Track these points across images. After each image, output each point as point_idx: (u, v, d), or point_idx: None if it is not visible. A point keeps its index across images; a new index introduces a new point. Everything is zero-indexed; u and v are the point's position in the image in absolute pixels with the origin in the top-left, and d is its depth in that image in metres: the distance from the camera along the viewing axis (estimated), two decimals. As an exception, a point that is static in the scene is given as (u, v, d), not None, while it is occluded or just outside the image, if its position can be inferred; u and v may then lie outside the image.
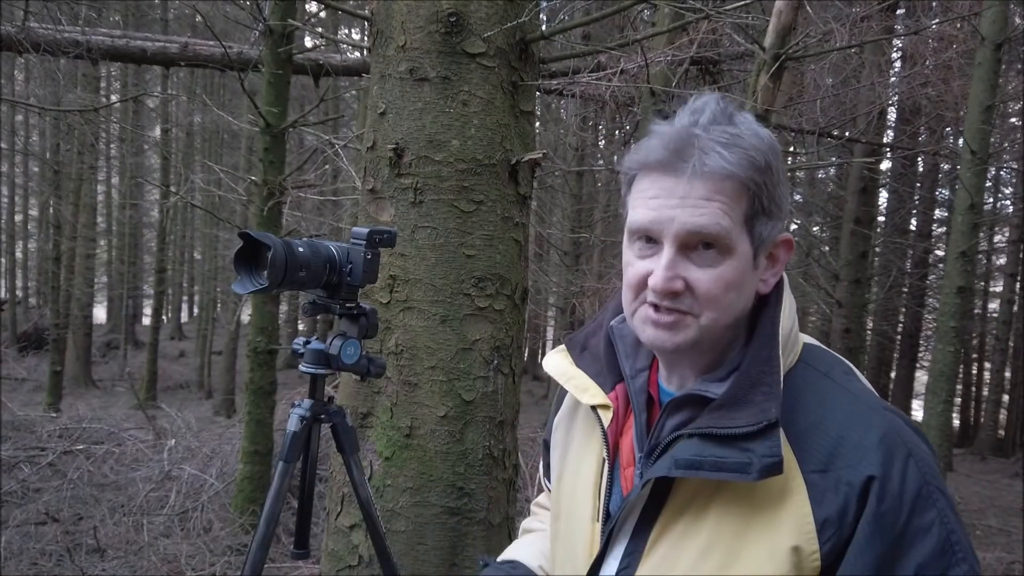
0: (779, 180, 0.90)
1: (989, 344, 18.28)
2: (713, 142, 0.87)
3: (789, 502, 0.84)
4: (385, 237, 1.78)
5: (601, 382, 1.03)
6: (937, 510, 0.83)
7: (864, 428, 0.86)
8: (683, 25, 4.96)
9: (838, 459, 0.84)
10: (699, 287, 0.89)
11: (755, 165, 0.88)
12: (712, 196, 0.87)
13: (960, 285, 6.38)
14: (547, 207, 13.06)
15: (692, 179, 0.87)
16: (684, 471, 0.86)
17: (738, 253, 0.89)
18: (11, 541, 4.42)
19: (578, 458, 1.07)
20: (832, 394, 0.90)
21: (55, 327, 12.60)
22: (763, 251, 0.92)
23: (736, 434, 0.84)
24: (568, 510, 1.05)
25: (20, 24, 5.97)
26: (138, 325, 24.61)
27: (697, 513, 0.88)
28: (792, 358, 0.93)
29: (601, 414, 1.01)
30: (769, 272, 0.94)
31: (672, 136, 0.89)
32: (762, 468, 0.82)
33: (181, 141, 17.11)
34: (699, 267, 0.89)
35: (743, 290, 0.91)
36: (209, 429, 7.62)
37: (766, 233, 0.91)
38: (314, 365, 1.79)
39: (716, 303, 0.89)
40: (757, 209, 0.89)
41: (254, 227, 5.12)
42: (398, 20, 2.35)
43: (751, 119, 0.91)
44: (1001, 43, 6.15)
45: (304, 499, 1.89)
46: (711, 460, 0.85)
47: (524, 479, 5.89)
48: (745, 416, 0.85)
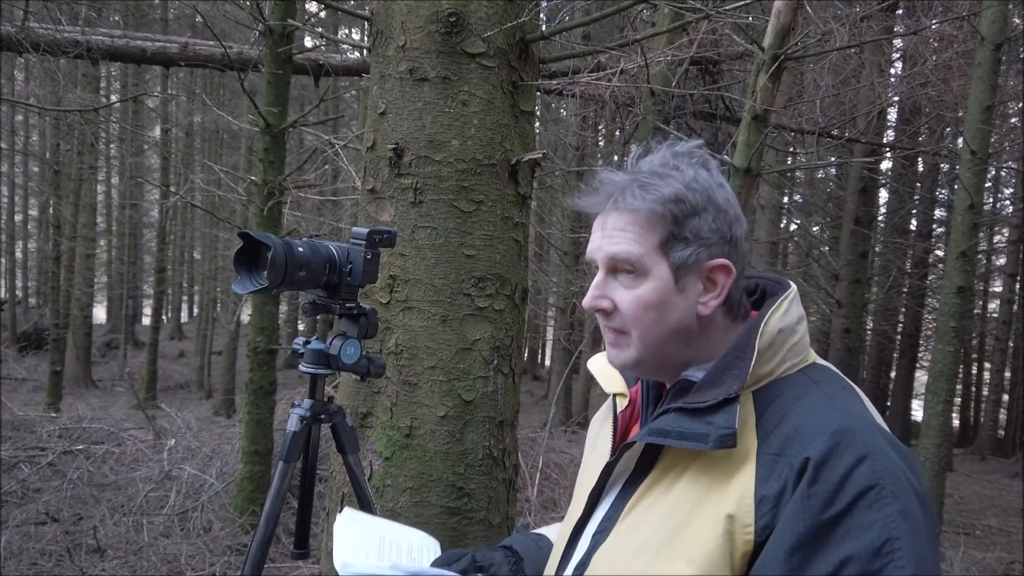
0: (697, 211, 1.00)
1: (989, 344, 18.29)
2: (633, 184, 1.01)
3: (738, 475, 0.91)
4: (385, 237, 1.78)
5: (627, 378, 1.16)
6: (884, 515, 0.83)
7: (823, 422, 0.91)
8: (683, 25, 4.96)
9: (790, 445, 0.90)
10: (621, 306, 1.02)
11: (663, 199, 0.99)
12: (626, 227, 1.01)
13: (960, 285, 6.38)
14: (547, 207, 13.06)
15: (611, 214, 1.03)
16: (652, 437, 0.97)
17: (654, 275, 1.00)
18: (11, 541, 4.42)
19: (596, 445, 1.18)
20: (811, 395, 0.96)
21: (55, 327, 12.60)
22: (688, 274, 1.01)
23: (701, 407, 0.94)
24: (580, 489, 1.15)
25: (20, 24, 5.97)
26: (138, 325, 24.62)
27: (670, 483, 0.97)
28: (790, 365, 0.99)
29: (618, 401, 1.15)
30: (708, 295, 1.02)
31: (610, 183, 1.04)
32: (717, 438, 0.90)
33: (181, 141, 17.11)
34: (623, 288, 1.02)
35: (665, 310, 1.00)
36: (209, 429, 7.61)
37: (683, 258, 1.00)
38: (314, 365, 1.79)
39: (637, 320, 1.01)
40: (669, 236, 1.00)
41: (254, 227, 5.13)
42: (398, 20, 2.35)
43: (699, 163, 1.03)
44: (1001, 43, 6.14)
45: (304, 499, 1.90)
46: (677, 430, 0.94)
47: (524, 479, 5.89)
48: (713, 393, 0.95)
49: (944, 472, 6.62)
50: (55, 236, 13.92)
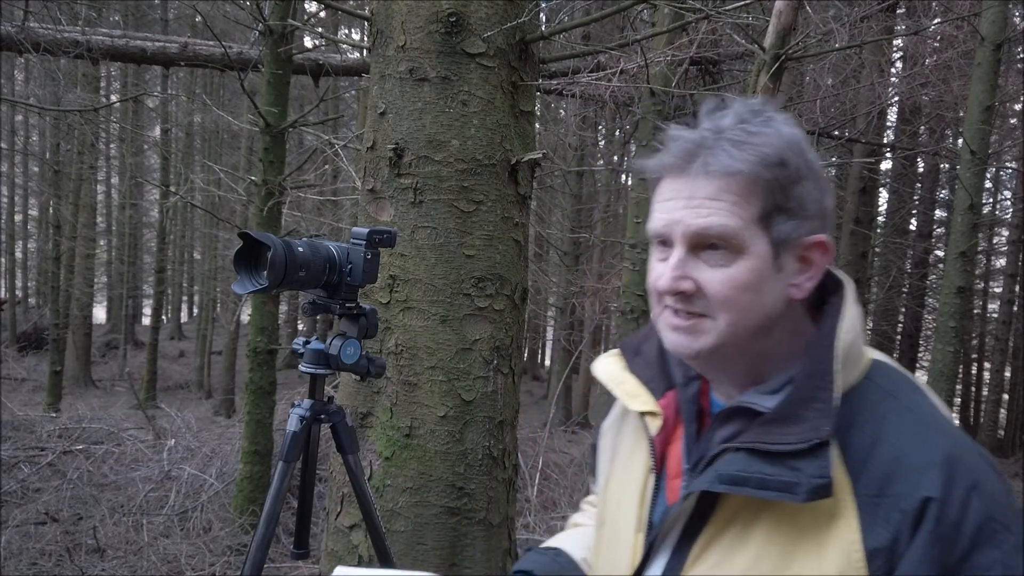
0: (800, 178, 0.86)
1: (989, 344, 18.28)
2: (723, 141, 0.86)
3: (838, 527, 0.80)
4: (385, 237, 1.78)
5: (652, 388, 1.00)
6: (1001, 552, 0.76)
7: (925, 450, 0.80)
8: (683, 25, 4.96)
9: (894, 482, 0.79)
10: (709, 288, 0.86)
11: (765, 161, 0.84)
12: (718, 195, 0.85)
13: (960, 285, 6.37)
14: (547, 207, 13.06)
15: (697, 179, 0.86)
16: (727, 486, 0.83)
17: (752, 253, 0.85)
18: (11, 541, 4.41)
19: (625, 465, 1.04)
20: (895, 413, 0.84)
21: (55, 327, 12.60)
22: (786, 252, 0.87)
23: (784, 451, 0.81)
24: (613, 518, 1.03)
25: (20, 24, 5.97)
26: (138, 325, 24.61)
27: (742, 531, 0.85)
28: (856, 374, 0.87)
29: (649, 422, 0.98)
30: (803, 276, 0.89)
31: (686, 139, 0.88)
32: (810, 489, 0.78)
33: (181, 141, 17.10)
34: (710, 267, 0.86)
35: (762, 292, 0.86)
36: (209, 429, 7.61)
37: (785, 232, 0.86)
38: (314, 365, 1.79)
39: (729, 304, 0.86)
40: (772, 207, 0.85)
41: (254, 227, 5.12)
42: (398, 20, 2.35)
43: (781, 120, 0.88)
44: (1001, 43, 6.14)
45: (304, 499, 1.90)
46: (756, 477, 0.81)
47: (523, 479, 5.89)
48: (795, 433, 0.81)
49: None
50: (55, 236, 13.92)
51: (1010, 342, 15.84)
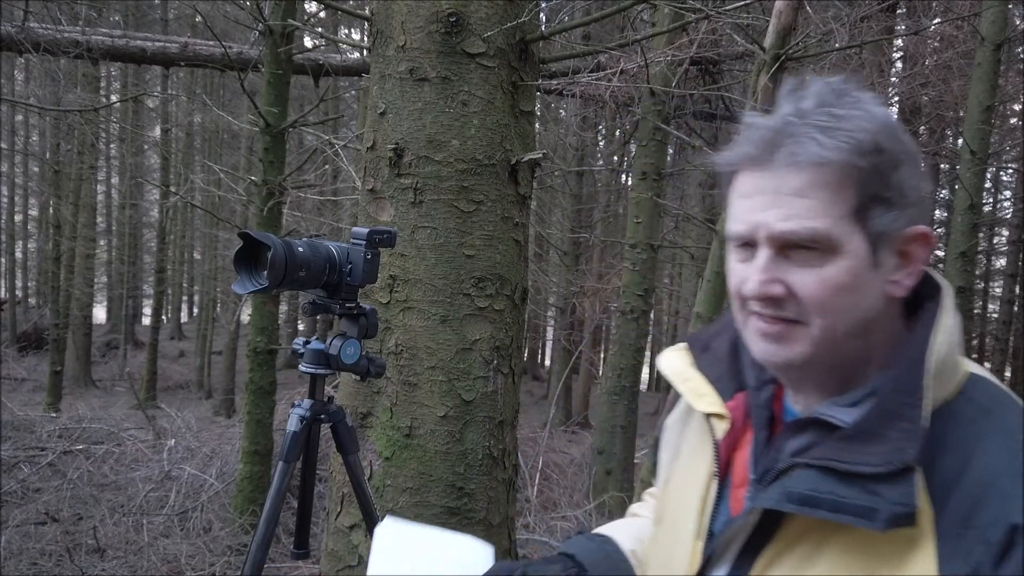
0: (898, 164, 0.78)
1: (989, 344, 18.28)
2: (810, 127, 0.77)
3: (915, 559, 0.72)
4: (385, 237, 1.78)
5: (720, 388, 0.94)
6: None
7: (1019, 476, 0.71)
8: (683, 25, 4.97)
9: (981, 511, 0.71)
10: (802, 291, 0.78)
11: (859, 148, 0.76)
12: (807, 191, 0.77)
13: (960, 285, 6.38)
14: (547, 207, 13.06)
15: (782, 172, 0.78)
16: (797, 506, 0.76)
17: (847, 251, 0.77)
18: (11, 541, 4.41)
19: (687, 466, 0.98)
20: (989, 435, 0.75)
21: (55, 327, 12.60)
22: (885, 247, 0.79)
23: (863, 473, 0.73)
24: (671, 520, 0.98)
25: (20, 24, 5.97)
26: (138, 325, 24.61)
27: (810, 552, 0.78)
28: (949, 389, 0.79)
29: (715, 424, 0.92)
30: (902, 272, 0.81)
31: (766, 127, 0.80)
32: (891, 517, 0.71)
33: (181, 141, 17.11)
34: (801, 268, 0.78)
35: (860, 293, 0.79)
36: (209, 429, 7.61)
37: (884, 225, 0.78)
38: (314, 365, 1.79)
39: (825, 308, 0.78)
40: (868, 199, 0.77)
41: (254, 227, 5.13)
42: (398, 20, 2.35)
43: (869, 98, 0.80)
44: (1001, 43, 6.15)
45: (304, 499, 1.90)
46: (830, 499, 0.74)
47: (523, 479, 5.90)
48: (877, 453, 0.73)
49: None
50: (55, 236, 13.93)
51: (1010, 342, 15.84)
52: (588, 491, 6.16)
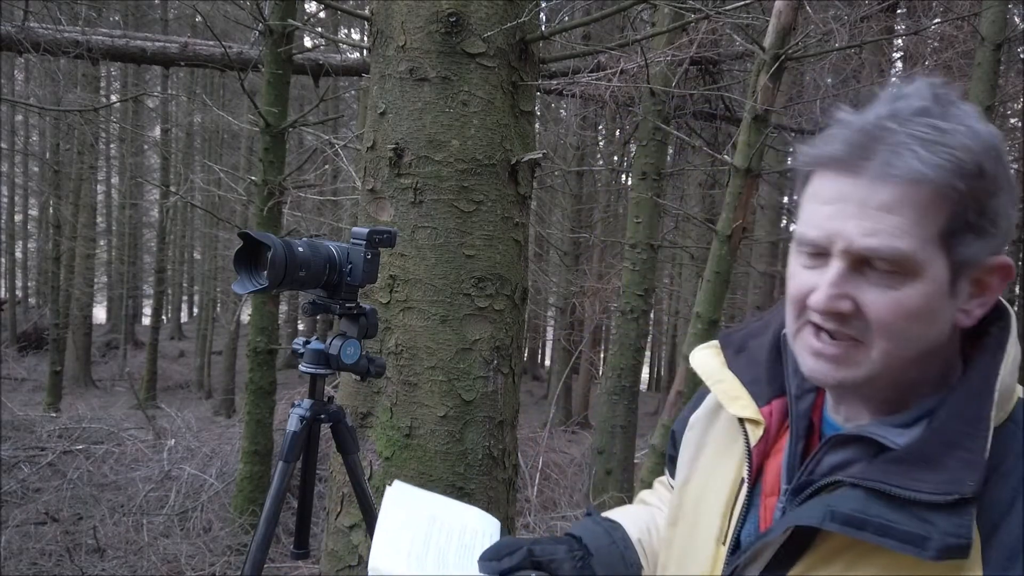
0: (997, 190, 0.73)
1: (989, 344, 18.28)
2: (909, 137, 0.71)
3: None
4: (385, 237, 1.78)
5: (755, 392, 0.90)
6: None
7: None
8: (683, 25, 4.97)
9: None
10: (871, 311, 0.73)
11: (961, 170, 0.70)
12: (897, 207, 0.71)
13: (960, 285, 6.38)
14: (547, 207, 13.07)
15: (874, 183, 0.72)
16: (841, 527, 0.72)
17: (927, 276, 0.72)
18: (11, 541, 4.42)
19: (711, 467, 0.95)
20: None
21: (55, 327, 12.61)
22: (965, 275, 0.75)
23: (917, 500, 0.69)
24: (691, 521, 0.95)
25: (20, 24, 5.97)
26: (138, 325, 24.62)
27: (843, 571, 0.75)
28: (1002, 415, 0.75)
29: (749, 429, 0.88)
30: (974, 302, 0.77)
31: (859, 128, 0.74)
32: (943, 548, 0.67)
33: (181, 141, 17.11)
34: (874, 287, 0.73)
35: (932, 321, 0.74)
36: (209, 429, 7.62)
37: (970, 254, 0.73)
38: (314, 365, 1.79)
39: (892, 333, 0.73)
40: (960, 224, 0.72)
41: (254, 227, 5.13)
42: (398, 20, 2.35)
43: (973, 112, 0.74)
44: (1001, 43, 6.14)
45: (304, 499, 1.90)
46: (877, 522, 0.70)
47: (523, 479, 5.90)
48: (933, 481, 0.70)
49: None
50: (55, 236, 13.93)
51: (1010, 342, 15.86)
52: (588, 491, 6.16)
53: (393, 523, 1.05)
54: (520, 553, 0.94)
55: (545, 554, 0.95)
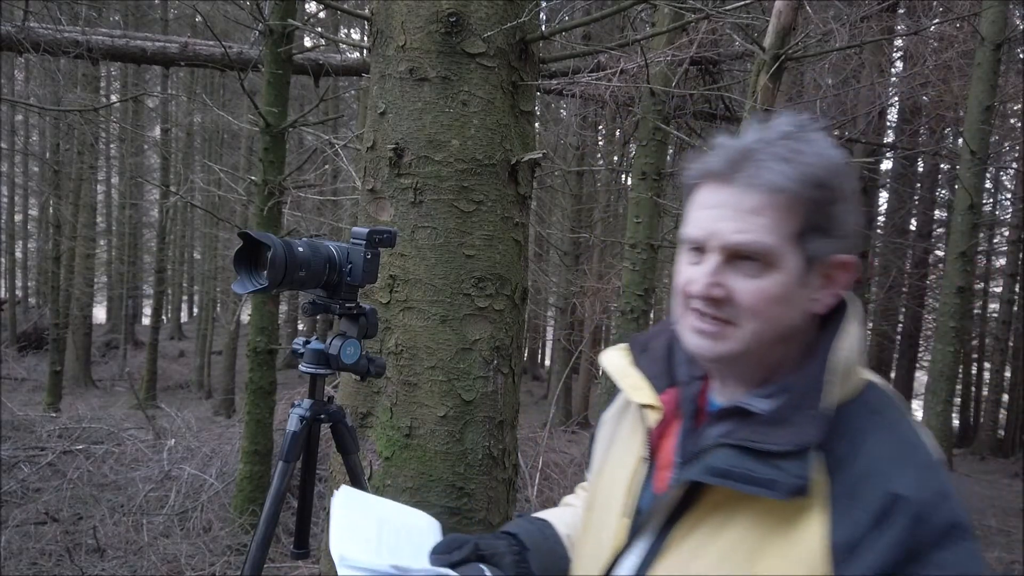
0: (839, 200, 0.90)
1: (989, 344, 18.28)
2: (772, 156, 0.88)
3: (810, 525, 0.84)
4: (385, 237, 1.78)
5: (655, 383, 1.05)
6: (960, 555, 0.80)
7: (899, 461, 0.85)
8: (683, 25, 4.97)
9: (867, 485, 0.84)
10: (740, 297, 0.90)
11: (811, 182, 0.88)
12: (760, 210, 0.88)
13: (960, 285, 6.38)
14: (547, 207, 13.07)
15: (743, 191, 0.89)
16: (715, 478, 0.88)
17: (784, 267, 0.89)
18: (11, 541, 4.41)
19: (620, 454, 1.09)
20: (877, 429, 0.89)
21: (55, 327, 12.60)
22: (815, 269, 0.91)
23: (771, 451, 0.85)
24: (602, 503, 1.08)
25: (20, 24, 5.97)
26: (138, 325, 24.61)
27: (720, 522, 0.89)
28: (849, 390, 0.91)
29: (648, 414, 1.03)
30: (823, 292, 0.93)
31: (734, 148, 0.91)
32: (790, 488, 0.83)
33: (181, 141, 17.11)
34: (743, 277, 0.90)
35: (789, 306, 0.91)
36: (209, 429, 7.61)
37: (818, 251, 0.90)
38: (314, 365, 1.79)
39: (757, 314, 0.90)
40: (810, 226, 0.89)
41: (254, 227, 5.12)
42: (398, 20, 2.35)
43: (825, 139, 0.91)
44: (1001, 43, 6.15)
45: (304, 499, 1.90)
46: (742, 472, 0.86)
47: (524, 479, 5.90)
48: (784, 435, 0.86)
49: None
50: (55, 236, 13.92)
51: (1010, 342, 15.84)
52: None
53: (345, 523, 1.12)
54: (468, 547, 1.08)
55: (488, 548, 1.09)
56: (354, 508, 1.18)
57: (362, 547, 1.07)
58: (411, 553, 1.10)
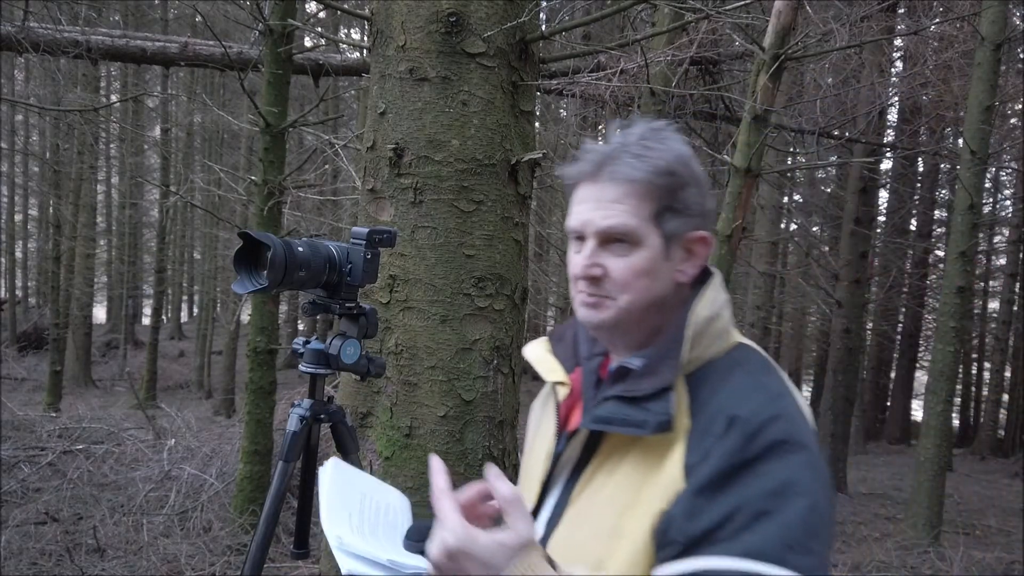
0: (686, 184, 1.06)
1: (989, 344, 18.28)
2: (627, 154, 1.05)
3: (674, 455, 0.98)
4: (385, 237, 1.78)
5: (566, 365, 1.20)
6: (787, 464, 0.92)
7: (747, 397, 0.99)
8: (683, 25, 4.97)
9: (717, 418, 0.97)
10: (613, 273, 1.06)
11: (659, 170, 1.04)
12: (620, 198, 1.05)
13: (960, 285, 6.37)
14: (547, 207, 13.05)
15: (606, 185, 1.06)
16: (596, 424, 1.03)
17: (647, 245, 1.05)
18: (11, 541, 4.41)
19: (543, 433, 1.22)
20: (736, 376, 1.03)
21: (55, 327, 12.60)
22: (675, 244, 1.07)
23: (640, 396, 1.01)
24: (527, 474, 1.21)
25: (20, 24, 5.97)
26: (138, 325, 24.61)
27: (613, 466, 1.03)
28: (715, 349, 1.06)
29: (559, 390, 1.18)
30: (687, 264, 1.09)
31: (598, 151, 1.07)
32: (655, 424, 0.97)
33: (181, 141, 17.11)
34: (615, 257, 1.06)
35: (655, 277, 1.06)
36: (209, 429, 7.62)
37: (674, 228, 1.06)
38: (314, 365, 1.79)
39: (628, 287, 1.06)
40: (663, 207, 1.05)
41: (254, 227, 5.12)
42: (398, 20, 2.35)
43: (675, 137, 1.08)
44: (1001, 43, 6.15)
45: (304, 499, 1.90)
46: (619, 417, 1.00)
47: (524, 479, 5.89)
48: (650, 382, 1.01)
49: (944, 472, 6.61)
50: (55, 236, 13.93)
51: (1010, 342, 15.84)
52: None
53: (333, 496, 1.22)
54: None
55: None
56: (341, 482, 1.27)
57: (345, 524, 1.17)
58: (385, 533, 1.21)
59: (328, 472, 1.28)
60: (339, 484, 1.27)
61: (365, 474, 1.40)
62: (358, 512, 1.23)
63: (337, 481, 1.27)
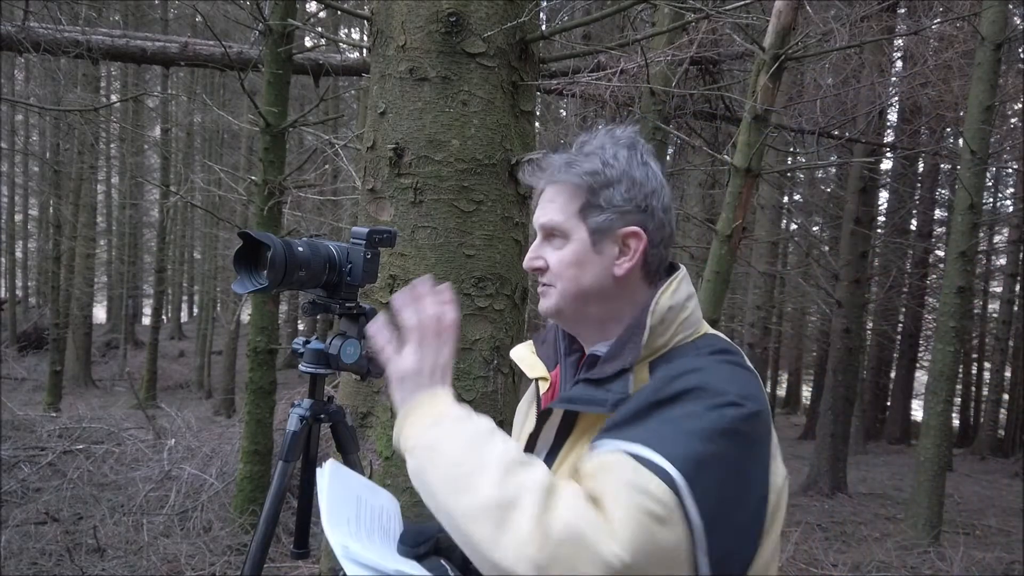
0: (612, 183, 1.16)
1: (989, 344, 18.28)
2: (562, 160, 1.19)
3: None
4: (385, 237, 1.78)
5: (548, 363, 1.32)
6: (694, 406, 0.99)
7: (685, 363, 1.08)
8: (683, 25, 4.97)
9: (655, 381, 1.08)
10: (549, 264, 1.19)
11: (584, 171, 1.16)
12: (554, 198, 1.19)
13: (960, 285, 6.37)
14: (547, 207, 13.04)
15: (547, 188, 1.21)
16: (564, 404, 1.14)
17: (575, 239, 1.17)
18: (11, 541, 4.41)
19: (527, 426, 1.30)
20: (689, 358, 1.11)
21: (55, 327, 12.61)
22: (605, 239, 1.16)
23: (602, 378, 1.10)
24: None
25: (20, 24, 5.97)
26: (138, 325, 24.62)
27: (583, 446, 1.11)
28: (681, 338, 1.14)
29: (541, 384, 1.31)
30: (624, 259, 1.17)
31: (547, 162, 1.21)
32: (613, 401, 1.06)
33: (181, 141, 17.11)
34: (552, 249, 1.19)
35: (583, 268, 1.17)
36: (209, 429, 7.62)
37: (599, 223, 1.16)
38: (314, 365, 1.79)
39: (560, 276, 1.18)
40: (587, 205, 1.16)
41: (254, 227, 5.13)
42: (398, 20, 2.35)
43: (608, 143, 1.19)
44: (1001, 43, 6.15)
45: (304, 499, 1.90)
46: (584, 397, 1.11)
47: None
48: (612, 365, 1.10)
49: (944, 472, 6.61)
50: (55, 236, 13.93)
51: (1010, 342, 15.84)
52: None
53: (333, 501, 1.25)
54: (431, 542, 1.22)
55: (446, 541, 1.19)
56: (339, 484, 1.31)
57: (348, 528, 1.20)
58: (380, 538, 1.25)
59: (326, 476, 1.31)
60: (337, 488, 1.29)
61: (358, 476, 1.45)
62: (355, 517, 1.26)
63: (335, 485, 1.30)
